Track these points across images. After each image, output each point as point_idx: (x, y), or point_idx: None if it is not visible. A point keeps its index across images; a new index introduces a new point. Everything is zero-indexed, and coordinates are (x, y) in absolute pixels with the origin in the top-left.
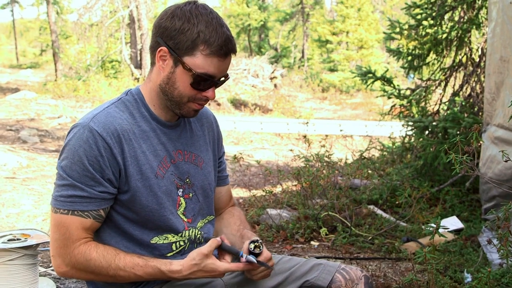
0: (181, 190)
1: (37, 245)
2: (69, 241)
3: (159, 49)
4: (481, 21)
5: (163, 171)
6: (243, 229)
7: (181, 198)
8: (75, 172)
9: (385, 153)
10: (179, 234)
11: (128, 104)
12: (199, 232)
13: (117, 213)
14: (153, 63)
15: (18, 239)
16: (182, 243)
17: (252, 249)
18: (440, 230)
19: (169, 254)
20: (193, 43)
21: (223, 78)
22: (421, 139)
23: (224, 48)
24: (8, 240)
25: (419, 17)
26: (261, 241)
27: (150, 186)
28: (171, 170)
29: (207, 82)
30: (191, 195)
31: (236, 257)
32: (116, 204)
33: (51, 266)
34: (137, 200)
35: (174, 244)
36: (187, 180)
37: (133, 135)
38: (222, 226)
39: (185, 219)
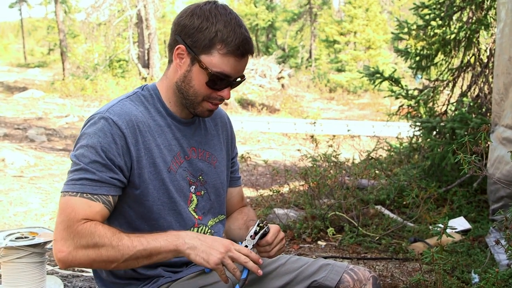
0: (193, 187)
1: (45, 243)
2: (73, 221)
3: (177, 46)
4: (489, 21)
5: (176, 166)
6: (250, 221)
7: (193, 195)
8: (87, 158)
9: (392, 153)
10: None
11: (143, 98)
12: (208, 231)
13: (130, 208)
14: (170, 61)
15: (26, 237)
16: None
17: (258, 230)
18: (448, 231)
19: None
20: (211, 41)
21: (239, 79)
22: (428, 139)
23: (241, 48)
24: (16, 238)
25: (427, 17)
26: (264, 221)
27: (162, 179)
28: (184, 166)
29: (222, 82)
30: (203, 192)
31: None
32: (129, 198)
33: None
34: (150, 192)
35: None
36: (200, 177)
37: (148, 127)
38: (230, 223)
39: (196, 216)
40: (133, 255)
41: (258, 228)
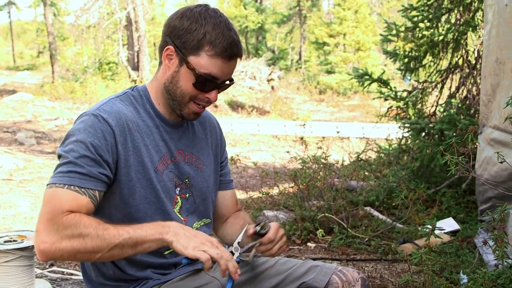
0: (178, 189)
1: (34, 246)
2: (58, 212)
3: (166, 47)
4: (477, 23)
5: (163, 167)
6: (246, 225)
7: (178, 197)
8: (77, 152)
9: (381, 154)
10: None
11: (133, 99)
12: None
13: (117, 211)
14: (160, 62)
15: (14, 241)
16: None
17: (259, 230)
18: (436, 232)
19: (166, 253)
20: (199, 43)
21: (227, 82)
22: (417, 141)
23: (229, 50)
24: (4, 242)
25: (415, 19)
26: (266, 220)
27: (150, 178)
28: (170, 167)
29: (210, 84)
30: (187, 195)
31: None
32: (116, 199)
33: (47, 268)
34: (137, 191)
35: None
36: (186, 180)
37: (137, 127)
38: (227, 228)
39: (182, 218)
40: (119, 243)
41: (259, 227)
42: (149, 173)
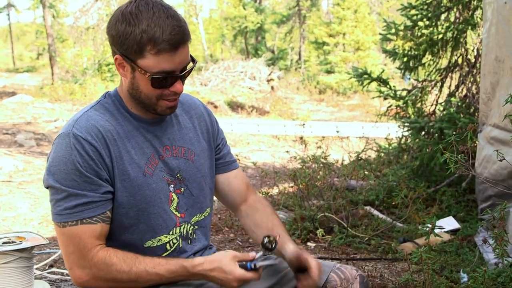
0: (172, 185)
1: (32, 247)
2: (85, 250)
3: (114, 57)
4: (476, 21)
5: (152, 168)
6: (272, 227)
7: (173, 194)
8: (73, 181)
9: (381, 154)
10: (170, 232)
11: (108, 106)
12: (190, 228)
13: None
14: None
15: (13, 242)
16: (175, 240)
17: (266, 243)
18: (436, 230)
19: (164, 254)
20: (139, 45)
21: (190, 65)
22: (417, 140)
23: (172, 41)
24: (3, 243)
25: (414, 18)
26: (274, 237)
27: (138, 185)
28: (160, 166)
29: (167, 79)
30: (182, 189)
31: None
32: None
33: (47, 269)
34: (125, 200)
35: (168, 244)
36: (178, 175)
37: (117, 135)
38: (251, 225)
39: (178, 214)
40: (150, 284)
41: (267, 241)
42: (137, 180)
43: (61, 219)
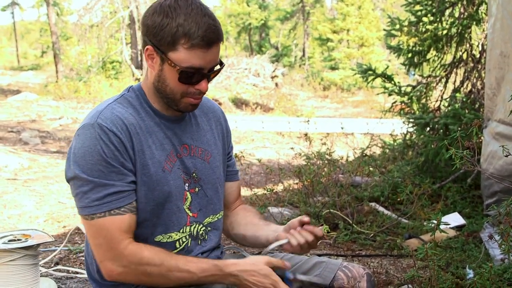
0: (187, 184)
1: (38, 245)
2: (115, 243)
3: (146, 48)
4: (481, 16)
5: (170, 165)
6: (264, 222)
7: (187, 193)
8: (100, 172)
9: (386, 150)
10: (181, 230)
11: (131, 100)
12: (202, 228)
13: None
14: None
15: (18, 240)
16: (184, 239)
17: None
18: (442, 227)
19: (173, 252)
20: (173, 37)
21: (217, 67)
22: (422, 136)
23: (206, 38)
24: (9, 241)
25: (419, 13)
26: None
27: (157, 180)
28: (177, 164)
29: (195, 76)
30: (197, 189)
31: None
32: None
33: (52, 267)
34: (142, 195)
35: (177, 242)
36: (194, 174)
37: (139, 129)
38: (238, 218)
39: (190, 214)
40: (182, 283)
41: (277, 247)
42: (157, 174)
43: (90, 211)
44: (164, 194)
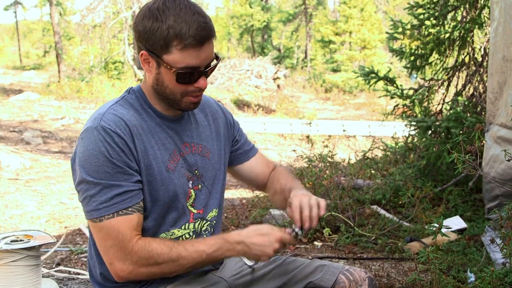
0: (191, 182)
1: (40, 246)
2: (125, 242)
3: (140, 53)
4: (483, 20)
5: (174, 164)
6: (287, 184)
7: (192, 190)
8: (106, 173)
9: (388, 153)
10: (183, 227)
11: (132, 101)
12: (206, 224)
13: None
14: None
15: (21, 240)
16: (187, 235)
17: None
18: (443, 230)
19: None
20: (165, 40)
21: (214, 62)
22: (424, 139)
23: (197, 36)
24: (11, 241)
25: (421, 17)
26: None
27: (161, 180)
28: (181, 163)
29: (193, 75)
30: (200, 186)
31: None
32: None
33: (54, 267)
34: (147, 194)
35: (180, 238)
36: (196, 171)
37: (142, 130)
38: (270, 192)
39: (194, 211)
40: (193, 265)
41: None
42: (161, 174)
43: (98, 214)
44: (168, 193)
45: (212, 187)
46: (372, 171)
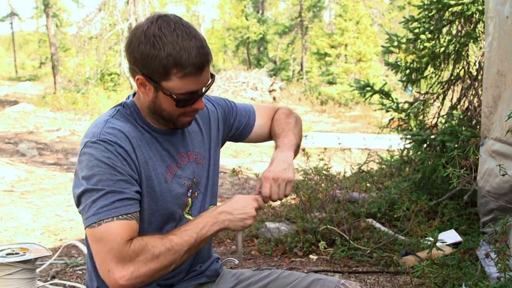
0: (190, 190)
1: (36, 259)
2: (121, 244)
3: (136, 77)
4: (478, 35)
5: (171, 175)
6: (276, 139)
7: (189, 199)
8: (108, 181)
9: (383, 166)
10: None
11: (127, 115)
12: None
13: None
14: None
15: (16, 253)
16: None
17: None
18: (438, 244)
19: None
20: (165, 68)
21: (208, 83)
22: (419, 152)
23: (197, 64)
24: (7, 254)
25: (417, 30)
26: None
27: (160, 191)
28: (179, 174)
29: (191, 99)
30: (196, 193)
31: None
32: None
33: (49, 280)
34: (146, 206)
35: None
36: (194, 179)
37: (140, 141)
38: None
39: (191, 218)
40: (188, 249)
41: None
42: (160, 185)
43: (98, 218)
44: (167, 204)
45: (206, 191)
46: (368, 184)
